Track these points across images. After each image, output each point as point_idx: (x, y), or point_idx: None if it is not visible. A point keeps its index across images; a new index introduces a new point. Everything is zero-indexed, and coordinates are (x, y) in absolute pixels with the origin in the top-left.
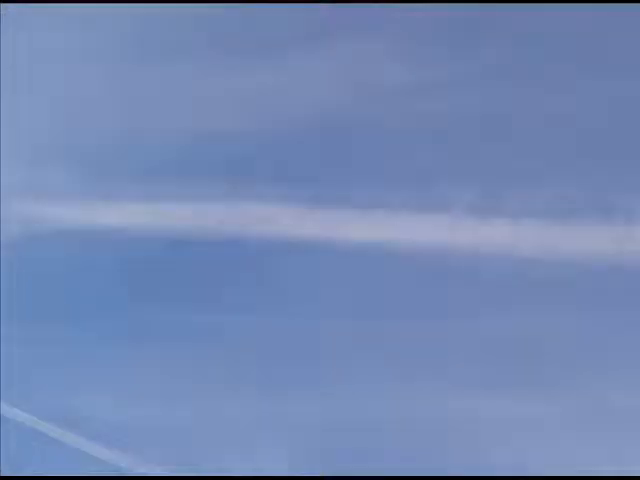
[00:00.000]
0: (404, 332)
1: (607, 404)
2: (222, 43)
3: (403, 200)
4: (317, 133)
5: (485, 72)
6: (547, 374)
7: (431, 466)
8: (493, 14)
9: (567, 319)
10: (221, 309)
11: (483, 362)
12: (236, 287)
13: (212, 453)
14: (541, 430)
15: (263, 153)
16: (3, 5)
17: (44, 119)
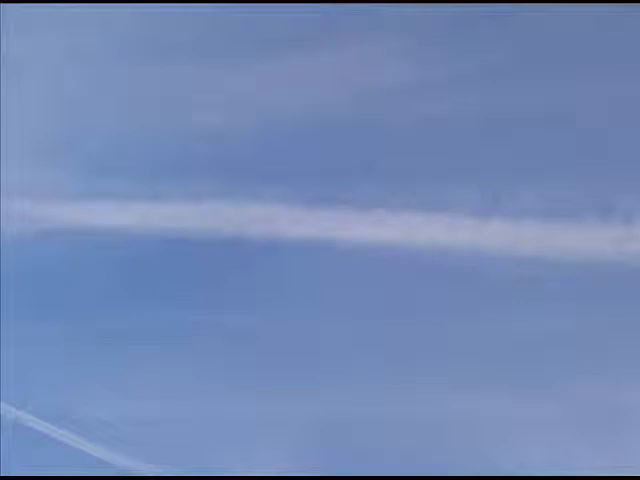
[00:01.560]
0: (404, 332)
1: (607, 404)
2: (222, 43)
3: (403, 200)
4: (317, 133)
5: (485, 72)
6: (547, 374)
7: (431, 466)
8: (493, 14)
9: (567, 319)
10: (221, 309)
11: (483, 362)
12: (236, 287)
13: (212, 453)
14: (541, 430)
15: (263, 153)
16: (3, 5)
17: (44, 119)
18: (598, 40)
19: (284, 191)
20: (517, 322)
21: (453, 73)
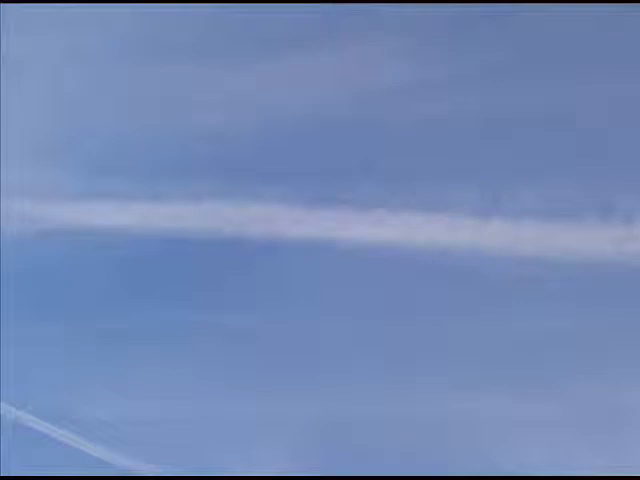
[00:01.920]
0: (404, 332)
1: (607, 404)
2: (222, 43)
3: (403, 200)
4: (317, 133)
5: (485, 72)
6: (547, 374)
7: (431, 466)
8: (493, 14)
9: (567, 319)
10: (221, 309)
11: (483, 362)
12: (236, 287)
13: (212, 453)
14: (541, 430)
15: (263, 153)
16: (3, 5)
17: (44, 119)
18: (598, 40)
19: (284, 191)
20: (517, 322)
21: (453, 73)
